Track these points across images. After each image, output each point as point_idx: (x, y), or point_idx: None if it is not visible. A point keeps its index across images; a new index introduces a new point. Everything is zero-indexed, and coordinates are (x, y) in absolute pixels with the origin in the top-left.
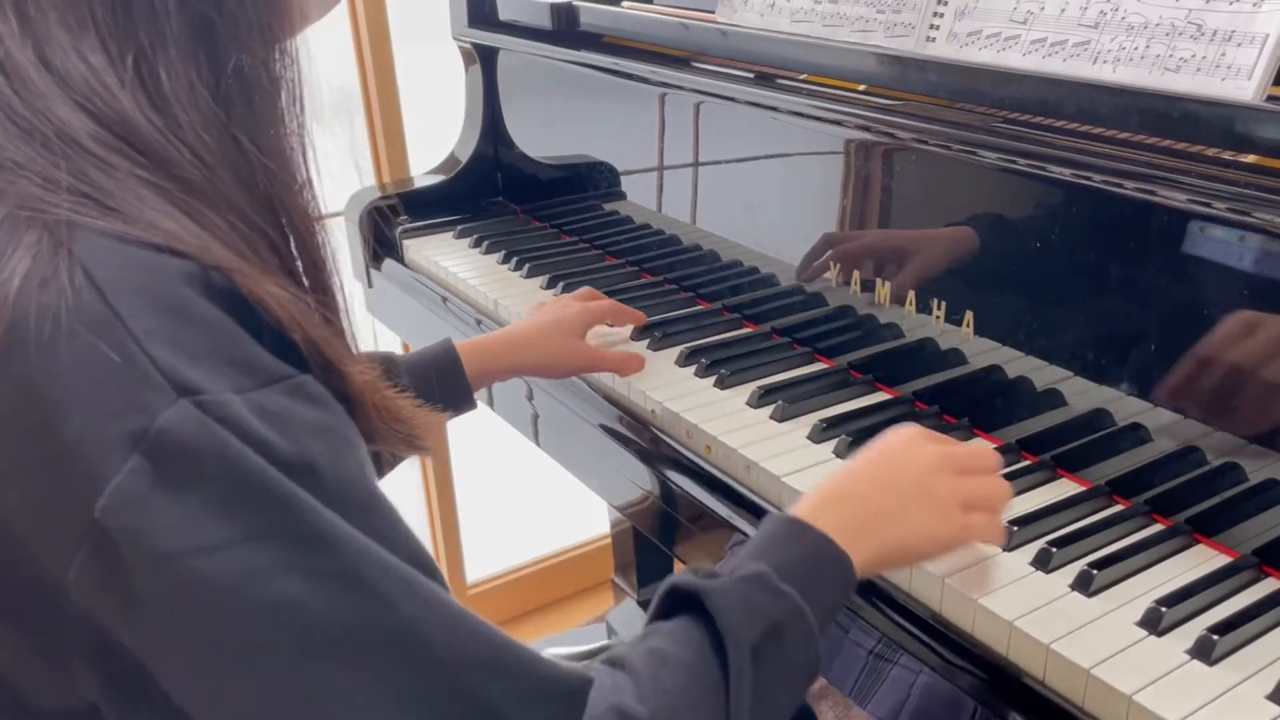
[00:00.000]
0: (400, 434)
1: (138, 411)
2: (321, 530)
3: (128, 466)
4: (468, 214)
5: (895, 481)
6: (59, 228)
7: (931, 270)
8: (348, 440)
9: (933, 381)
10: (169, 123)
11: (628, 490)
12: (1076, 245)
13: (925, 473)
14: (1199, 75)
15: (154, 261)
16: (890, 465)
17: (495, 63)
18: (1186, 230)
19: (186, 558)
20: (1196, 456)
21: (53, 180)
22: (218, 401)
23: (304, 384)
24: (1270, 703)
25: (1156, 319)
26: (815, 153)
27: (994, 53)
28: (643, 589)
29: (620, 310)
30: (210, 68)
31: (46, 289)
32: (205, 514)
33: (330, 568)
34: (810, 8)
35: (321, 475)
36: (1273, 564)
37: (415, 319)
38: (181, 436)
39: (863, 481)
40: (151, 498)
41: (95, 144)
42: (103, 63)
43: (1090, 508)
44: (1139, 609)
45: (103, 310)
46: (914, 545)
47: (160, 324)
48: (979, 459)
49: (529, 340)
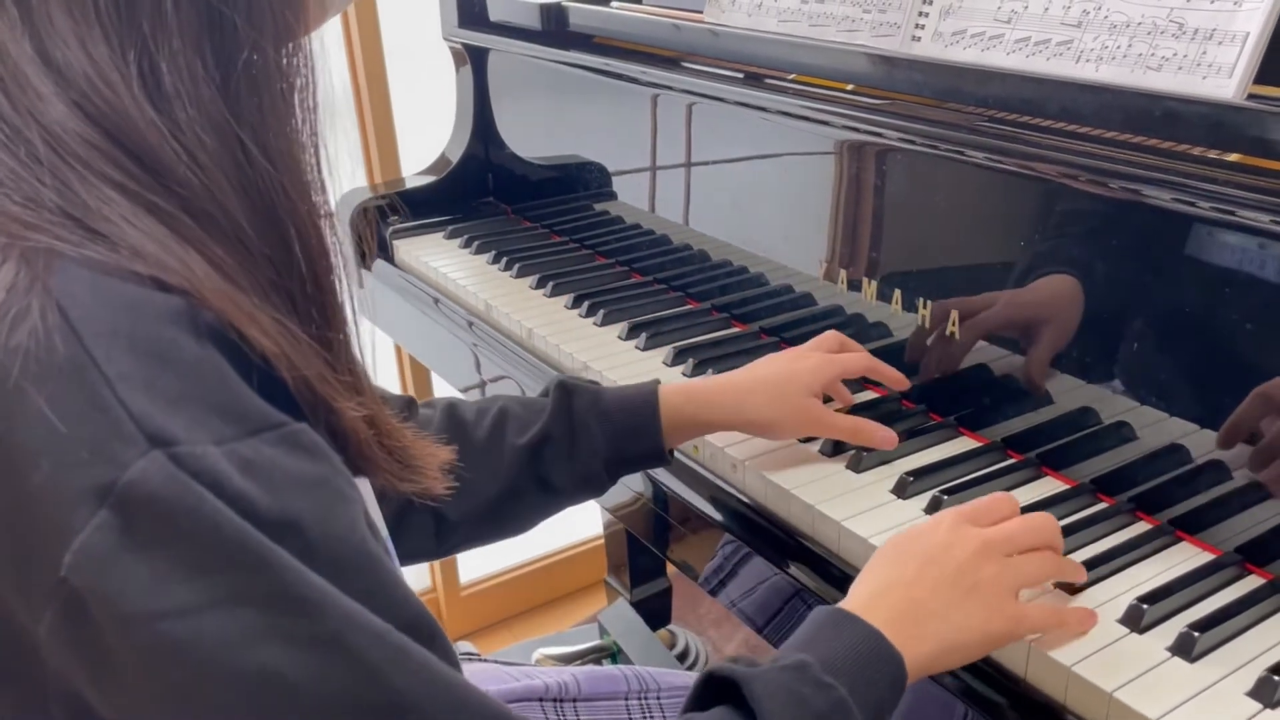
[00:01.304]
0: (396, 470)
1: (107, 462)
2: (302, 594)
3: (94, 522)
4: (458, 214)
5: (940, 577)
6: (36, 258)
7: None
8: (341, 494)
9: (920, 380)
10: (168, 123)
11: (618, 492)
12: (1060, 243)
13: (971, 563)
14: (1180, 74)
15: (136, 298)
16: (933, 559)
17: (486, 63)
18: (1170, 228)
19: (157, 621)
20: (1181, 454)
21: (35, 199)
22: (194, 454)
23: (296, 434)
24: (1251, 699)
25: (1141, 316)
26: (803, 153)
27: (978, 52)
28: (635, 589)
29: (874, 366)
30: (217, 64)
31: (18, 328)
32: (176, 575)
33: (311, 634)
34: (797, 7)
35: (307, 533)
36: (1255, 561)
37: (406, 320)
38: (151, 490)
39: (907, 578)
40: (120, 556)
41: (86, 149)
42: (105, 55)
43: (1074, 505)
44: (1121, 606)
45: (76, 352)
46: (966, 644)
47: (138, 368)
48: (1030, 534)
49: (752, 392)
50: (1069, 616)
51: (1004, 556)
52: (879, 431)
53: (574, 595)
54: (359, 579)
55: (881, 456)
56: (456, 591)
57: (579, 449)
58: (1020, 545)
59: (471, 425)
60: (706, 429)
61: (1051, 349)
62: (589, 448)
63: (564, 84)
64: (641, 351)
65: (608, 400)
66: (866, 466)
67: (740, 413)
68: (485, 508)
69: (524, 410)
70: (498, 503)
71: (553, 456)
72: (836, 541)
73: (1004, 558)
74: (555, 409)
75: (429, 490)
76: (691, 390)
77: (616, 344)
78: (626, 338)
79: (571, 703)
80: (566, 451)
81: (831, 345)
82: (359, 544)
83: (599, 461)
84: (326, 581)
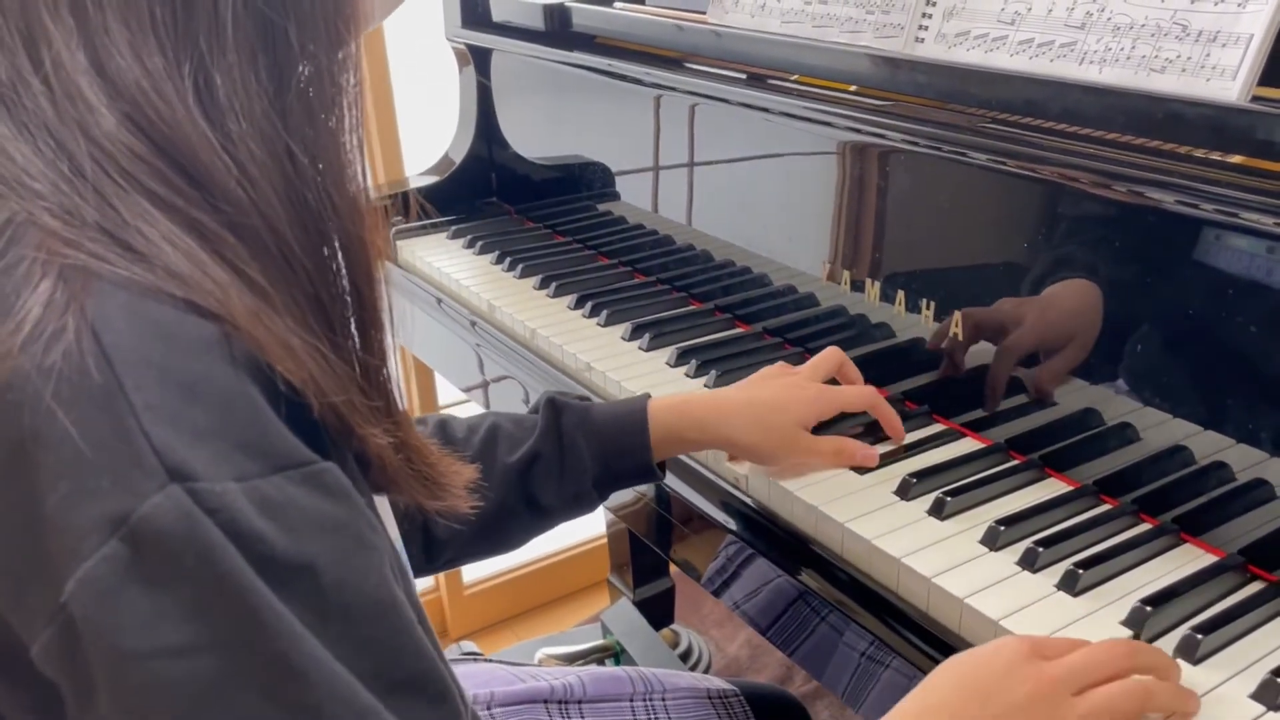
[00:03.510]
0: (422, 490)
1: (123, 493)
2: (292, 658)
3: (102, 552)
4: (461, 214)
5: (1000, 708)
6: (74, 276)
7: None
8: (361, 540)
9: (922, 381)
10: (220, 135)
11: (619, 493)
12: (1063, 245)
13: (1032, 703)
14: (1184, 76)
15: (171, 326)
16: (990, 688)
17: (489, 63)
18: (1174, 230)
19: (148, 659)
20: (1184, 456)
21: (75, 213)
22: (213, 490)
23: (321, 473)
24: (1254, 701)
25: (1144, 318)
26: (806, 153)
27: (982, 53)
28: (638, 589)
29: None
30: (270, 74)
31: (53, 348)
32: (175, 614)
33: (293, 699)
34: (800, 8)
35: (321, 577)
36: (1259, 563)
37: (409, 320)
38: (163, 527)
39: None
40: (122, 589)
41: (132, 162)
42: (160, 67)
43: (1077, 507)
44: (1124, 608)
45: (108, 379)
46: None
47: (166, 399)
48: (1110, 663)
49: (742, 413)
50: None
51: (1074, 691)
52: (860, 450)
53: (577, 595)
54: (368, 628)
55: (884, 458)
56: (460, 591)
57: (568, 467)
58: (1095, 678)
59: (462, 443)
60: (695, 447)
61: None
62: (578, 466)
63: (567, 84)
64: (645, 352)
65: (597, 417)
66: (869, 468)
67: (728, 434)
68: (475, 526)
69: (514, 428)
70: (488, 521)
71: (542, 475)
72: (840, 543)
73: (1074, 692)
74: (544, 427)
75: (454, 508)
76: (682, 407)
77: (620, 344)
78: (630, 338)
79: (576, 704)
80: (556, 470)
81: (831, 367)
82: (372, 591)
83: (588, 479)
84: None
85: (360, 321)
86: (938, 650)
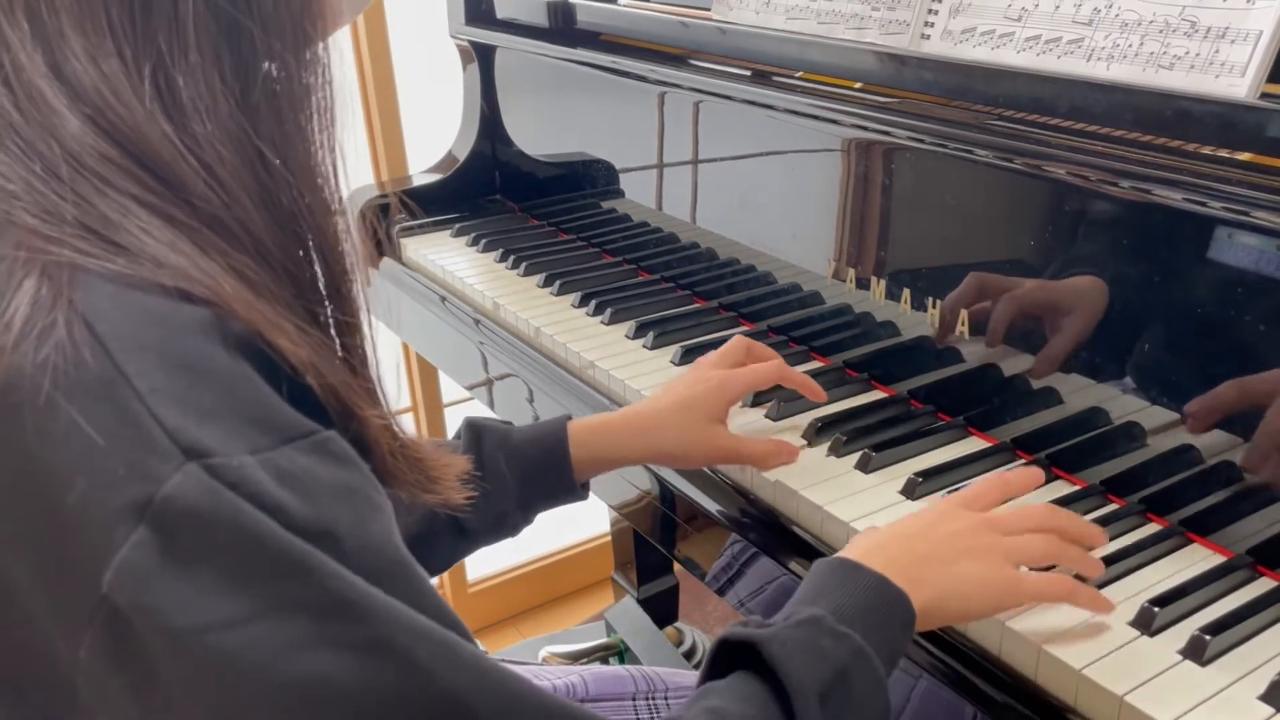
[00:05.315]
0: (418, 480)
1: (142, 478)
2: (348, 598)
3: (133, 539)
4: (465, 212)
5: (936, 536)
6: (59, 272)
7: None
8: (372, 502)
9: (928, 380)
10: (185, 136)
11: (624, 490)
12: (1069, 242)
13: (967, 531)
14: (1193, 72)
15: (164, 311)
16: (928, 523)
17: (493, 61)
18: (1182, 227)
19: (204, 634)
20: (1192, 455)
21: (54, 212)
22: (230, 465)
23: (327, 441)
24: (1263, 703)
25: (1152, 316)
26: (811, 151)
27: (988, 50)
28: (642, 587)
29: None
30: (235, 74)
31: (44, 343)
32: (221, 587)
33: (360, 638)
34: (805, 5)
35: (344, 542)
36: (1267, 564)
37: (413, 318)
38: (189, 505)
39: (904, 533)
40: (161, 572)
41: (102, 164)
42: (117, 70)
43: (1085, 507)
44: (1132, 609)
45: (106, 367)
46: (967, 594)
47: (169, 381)
48: (1022, 520)
49: (657, 423)
50: (1079, 594)
51: (1001, 533)
52: (785, 449)
53: (580, 593)
54: (393, 584)
55: (891, 457)
56: (464, 589)
57: (490, 490)
58: (1018, 527)
59: None
60: (620, 463)
61: (1066, 346)
62: (500, 487)
63: (571, 82)
64: (649, 350)
65: (516, 438)
66: (875, 467)
67: (648, 445)
68: None
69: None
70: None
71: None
72: (845, 542)
73: (1001, 534)
74: (464, 450)
75: (449, 500)
76: (599, 425)
77: (624, 343)
78: (634, 336)
79: (579, 704)
80: (479, 492)
81: (737, 356)
82: (393, 552)
83: (511, 501)
84: (368, 585)
85: (338, 324)
86: (940, 648)
